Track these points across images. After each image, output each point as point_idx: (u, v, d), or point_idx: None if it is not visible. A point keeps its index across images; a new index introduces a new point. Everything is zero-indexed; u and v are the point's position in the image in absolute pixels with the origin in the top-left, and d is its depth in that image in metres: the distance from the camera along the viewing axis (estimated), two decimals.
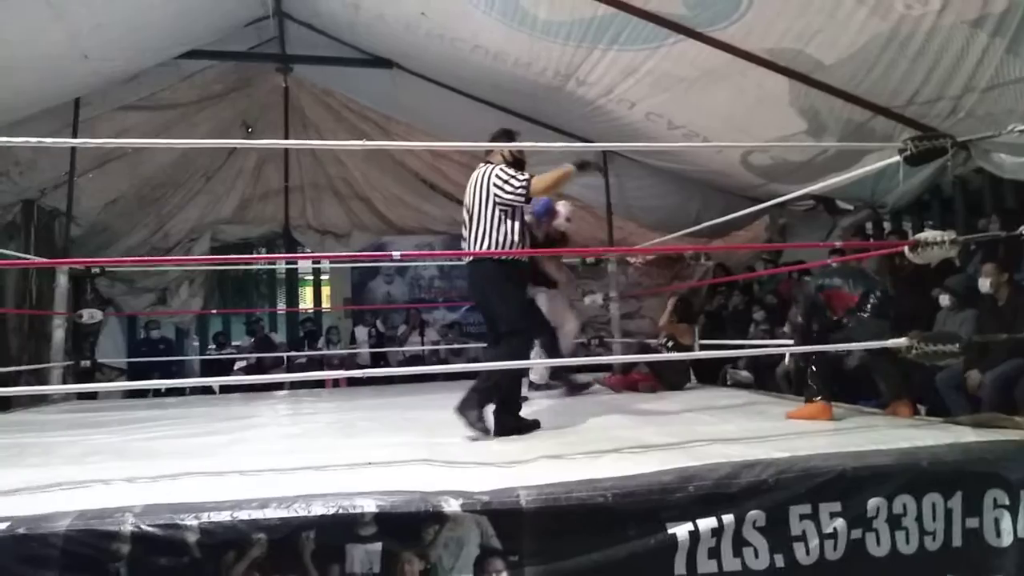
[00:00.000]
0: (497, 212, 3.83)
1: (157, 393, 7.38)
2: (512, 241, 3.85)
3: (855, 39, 4.92)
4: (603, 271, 8.77)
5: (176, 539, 2.12)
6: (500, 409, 3.75)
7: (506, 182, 3.77)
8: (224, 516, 2.19)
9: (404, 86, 8.40)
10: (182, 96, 8.44)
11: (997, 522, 2.64)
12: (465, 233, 4.02)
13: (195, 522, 2.15)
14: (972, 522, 2.62)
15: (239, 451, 3.48)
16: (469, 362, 9.11)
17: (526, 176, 3.80)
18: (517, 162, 4.06)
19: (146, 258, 8.50)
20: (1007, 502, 2.64)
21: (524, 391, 5.11)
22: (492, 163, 4.00)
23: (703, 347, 6.33)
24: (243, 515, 2.19)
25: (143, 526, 2.13)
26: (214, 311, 10.33)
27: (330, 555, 2.18)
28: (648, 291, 9.31)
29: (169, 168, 8.91)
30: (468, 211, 3.98)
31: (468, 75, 7.69)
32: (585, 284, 9.24)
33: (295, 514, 2.21)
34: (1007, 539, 2.63)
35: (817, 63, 5.35)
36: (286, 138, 8.88)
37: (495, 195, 3.80)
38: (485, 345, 4.42)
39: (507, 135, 4.23)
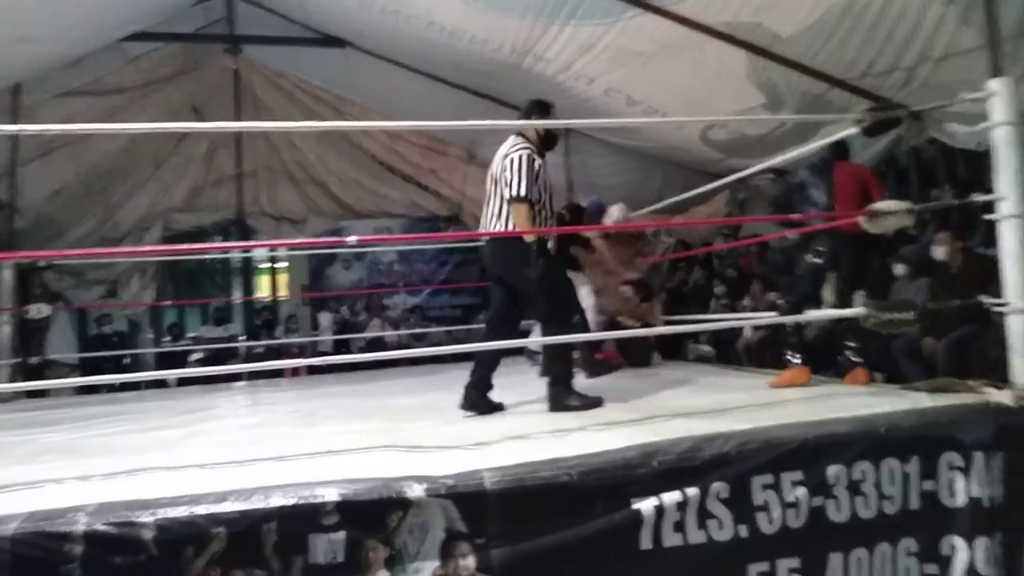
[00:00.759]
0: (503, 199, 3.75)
1: (111, 388, 7.20)
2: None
3: (812, 10, 4.96)
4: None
5: (131, 537, 2.07)
6: (554, 384, 3.70)
7: (512, 179, 3.65)
8: (181, 511, 2.14)
9: (358, 66, 8.26)
10: (128, 80, 8.18)
11: (952, 483, 2.70)
12: (485, 208, 3.90)
13: (151, 519, 2.09)
14: (928, 485, 2.68)
15: (197, 444, 3.40)
16: (431, 347, 9.07)
17: (522, 193, 3.63)
18: (549, 138, 3.95)
19: (95, 250, 8.24)
20: (961, 464, 2.70)
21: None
22: (520, 140, 3.84)
23: (666, 323, 6.36)
24: (201, 510, 2.14)
25: (96, 525, 2.06)
26: (168, 302, 10.10)
27: (292, 546, 2.14)
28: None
29: (117, 156, 8.63)
30: (488, 182, 3.89)
31: (424, 53, 7.58)
32: None
33: (255, 506, 2.16)
34: (961, 499, 2.69)
35: (774, 36, 5.37)
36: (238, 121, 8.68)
37: (503, 182, 3.71)
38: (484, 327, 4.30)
39: (540, 109, 4.01)
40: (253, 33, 8.14)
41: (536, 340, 4.85)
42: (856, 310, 3.26)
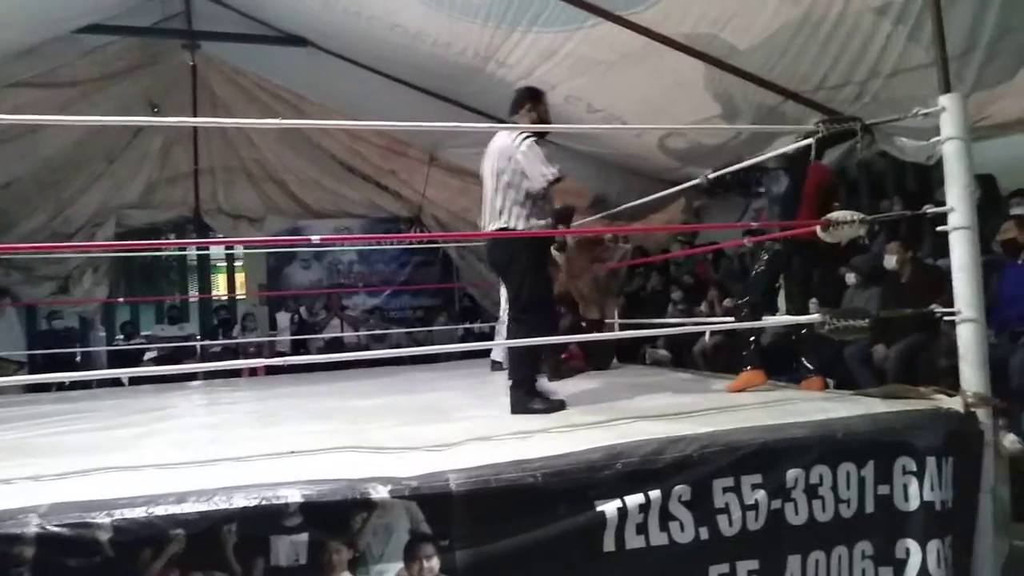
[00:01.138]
0: (507, 181, 3.75)
1: (61, 387, 7.00)
2: (529, 215, 3.77)
3: (768, 24, 5.06)
4: None
5: (86, 539, 2.00)
6: (517, 387, 3.70)
7: (533, 162, 3.66)
8: (138, 512, 2.08)
9: (319, 65, 8.18)
10: (81, 73, 7.97)
11: (906, 488, 2.76)
12: (486, 202, 3.94)
13: (107, 520, 2.03)
14: (883, 489, 2.73)
15: (153, 444, 3.33)
16: (391, 348, 9.03)
17: (555, 171, 3.70)
18: (543, 124, 3.96)
19: (45, 244, 8.03)
20: (915, 468, 2.76)
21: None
22: (516, 131, 3.81)
23: (623, 327, 6.43)
24: (159, 510, 2.09)
25: (49, 527, 2.00)
26: (121, 300, 9.87)
27: (254, 548, 2.10)
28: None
29: (70, 150, 8.42)
30: (484, 176, 3.92)
31: (386, 55, 7.55)
32: None
33: (215, 507, 2.11)
34: (914, 503, 2.75)
35: (732, 48, 5.47)
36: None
37: (520, 170, 3.70)
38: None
39: (534, 96, 4.01)
40: (212, 29, 7.99)
41: (501, 343, 4.88)
42: (812, 316, 3.33)
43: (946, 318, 3.16)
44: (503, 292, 6.30)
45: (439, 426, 3.34)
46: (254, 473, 2.40)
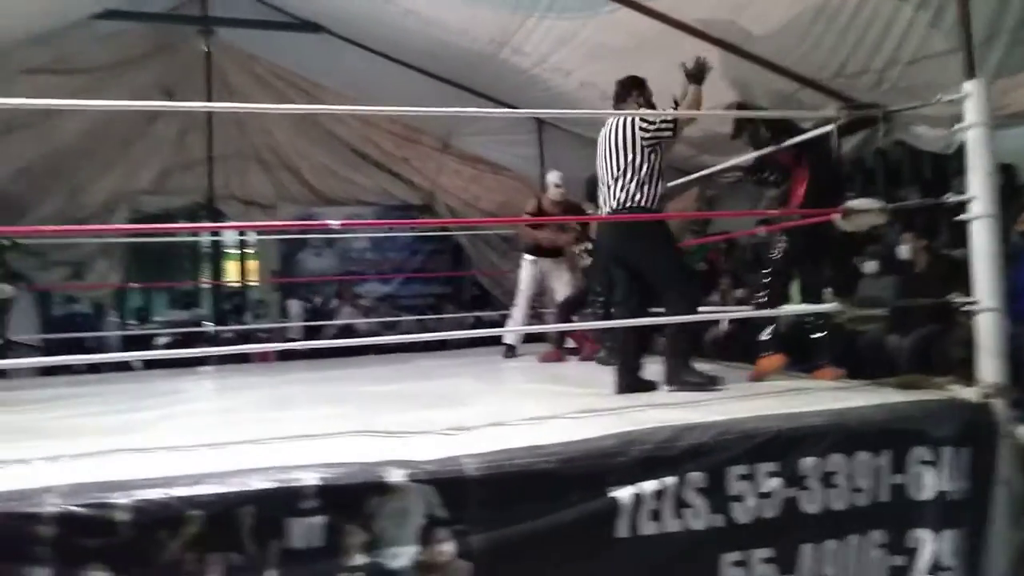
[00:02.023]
0: (646, 155, 3.74)
1: (73, 371, 7.05)
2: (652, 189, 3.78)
3: (786, 11, 5.01)
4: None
5: (105, 519, 2.02)
6: (624, 367, 3.72)
7: (649, 121, 3.71)
8: (156, 493, 2.09)
9: (333, 52, 8.17)
10: (96, 59, 7.95)
11: (920, 477, 2.75)
12: (607, 189, 3.89)
13: (125, 500, 2.05)
14: (898, 478, 2.73)
15: (169, 427, 3.35)
16: (402, 335, 9.04)
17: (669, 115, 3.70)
18: (650, 107, 3.98)
19: (62, 227, 8.06)
20: (930, 458, 2.76)
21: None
22: (631, 114, 3.85)
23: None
24: (177, 492, 2.10)
25: (68, 506, 2.01)
26: (134, 285, 9.91)
27: (270, 530, 2.11)
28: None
29: (84, 136, 8.39)
30: (602, 160, 3.90)
31: (400, 41, 7.53)
32: (519, 256, 9.22)
33: (232, 489, 2.13)
34: (929, 493, 2.75)
35: (748, 34, 5.42)
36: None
37: (641, 138, 3.72)
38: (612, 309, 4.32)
39: (639, 84, 4.09)
40: (227, 15, 7.98)
41: (511, 329, 4.89)
42: (830, 306, 3.31)
43: (964, 307, 3.13)
44: (520, 282, 6.31)
45: (453, 411, 3.35)
46: (270, 456, 2.41)
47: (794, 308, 4.07)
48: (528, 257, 6.42)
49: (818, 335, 4.13)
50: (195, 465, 2.30)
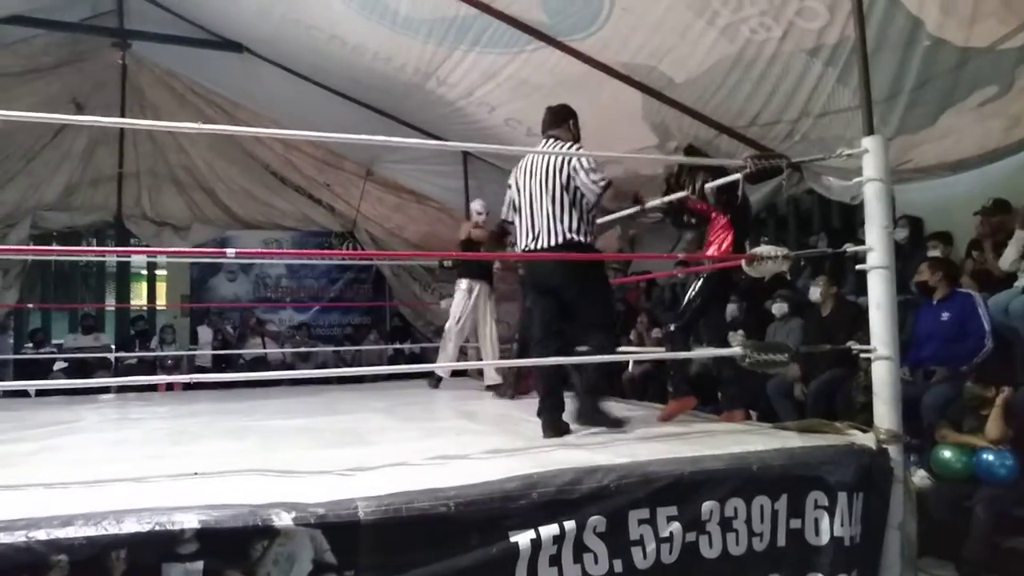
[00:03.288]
0: (572, 196, 3.68)
1: None
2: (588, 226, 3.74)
3: (704, 59, 5.16)
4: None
5: None
6: (590, 394, 3.68)
7: (588, 172, 3.64)
8: (17, 537, 1.91)
9: (255, 73, 8.01)
10: (2, 66, 7.59)
11: (817, 522, 2.79)
12: (520, 215, 3.85)
13: None
14: (795, 523, 2.76)
15: (46, 461, 3.13)
16: (318, 367, 8.81)
17: (605, 178, 3.68)
18: (577, 141, 3.94)
19: None
20: (826, 503, 2.79)
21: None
22: (562, 140, 3.84)
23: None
24: (40, 535, 1.92)
25: None
26: (31, 305, 9.38)
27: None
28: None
29: None
30: (530, 191, 3.79)
31: (324, 65, 7.44)
32: (442, 287, 9.15)
33: (103, 532, 1.96)
34: (825, 538, 2.78)
35: (669, 80, 5.56)
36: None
37: (575, 180, 3.66)
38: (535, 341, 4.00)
39: (571, 113, 4.02)
40: (144, 29, 7.73)
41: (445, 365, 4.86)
42: (733, 349, 3.36)
43: (862, 355, 3.21)
44: (456, 307, 6.21)
45: (355, 449, 3.23)
46: (150, 496, 2.25)
47: (700, 352, 4.12)
48: (463, 283, 6.27)
49: (726, 377, 4.19)
50: (66, 505, 2.12)
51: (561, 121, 3.98)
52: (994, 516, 3.73)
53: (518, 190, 3.91)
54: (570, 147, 3.77)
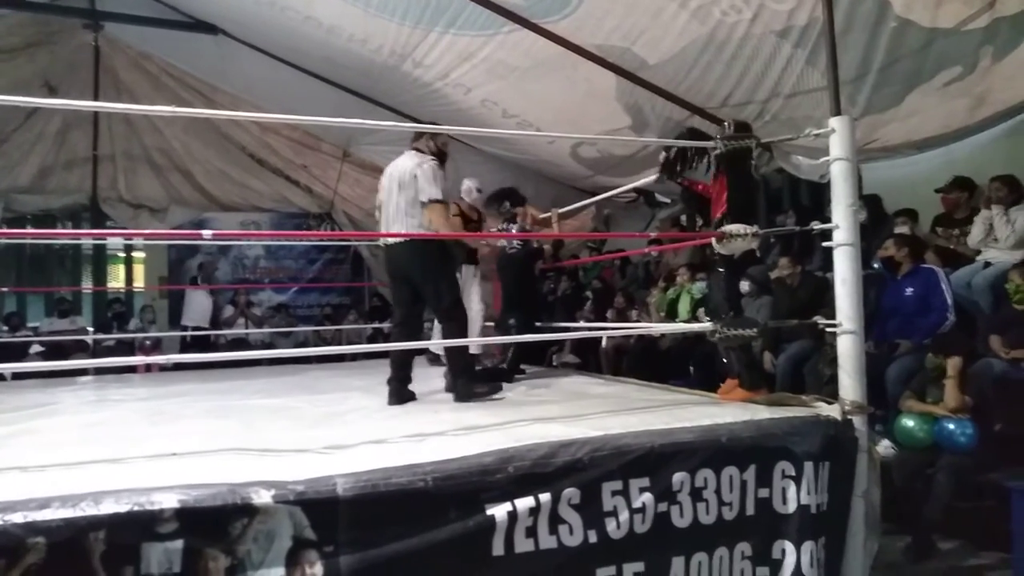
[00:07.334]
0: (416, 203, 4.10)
1: None
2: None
3: (676, 41, 5.21)
4: None
5: None
6: (460, 375, 4.11)
7: (428, 186, 4.04)
8: None
9: (231, 54, 7.95)
10: None
11: (784, 491, 2.89)
12: (379, 215, 4.34)
13: None
14: (763, 492, 2.85)
15: (23, 444, 3.13)
16: (297, 346, 8.83)
17: (439, 194, 4.05)
18: (441, 154, 4.32)
19: None
20: (793, 473, 2.90)
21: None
22: (423, 155, 4.20)
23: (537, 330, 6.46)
24: (16, 518, 1.93)
25: None
26: (6, 289, 9.30)
27: (123, 556, 1.99)
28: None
29: None
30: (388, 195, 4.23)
31: (300, 47, 7.40)
32: None
33: (81, 513, 1.98)
34: (792, 506, 2.88)
35: (642, 62, 5.60)
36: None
37: (419, 188, 4.06)
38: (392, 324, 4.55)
39: (432, 135, 4.40)
40: (116, 11, 7.64)
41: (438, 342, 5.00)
42: (704, 325, 3.45)
43: (828, 329, 3.31)
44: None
45: (334, 428, 3.29)
46: (129, 476, 2.29)
47: (671, 326, 4.21)
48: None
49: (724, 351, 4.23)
50: (43, 487, 2.13)
51: (419, 136, 4.37)
52: (954, 482, 3.89)
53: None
54: (422, 159, 4.15)
